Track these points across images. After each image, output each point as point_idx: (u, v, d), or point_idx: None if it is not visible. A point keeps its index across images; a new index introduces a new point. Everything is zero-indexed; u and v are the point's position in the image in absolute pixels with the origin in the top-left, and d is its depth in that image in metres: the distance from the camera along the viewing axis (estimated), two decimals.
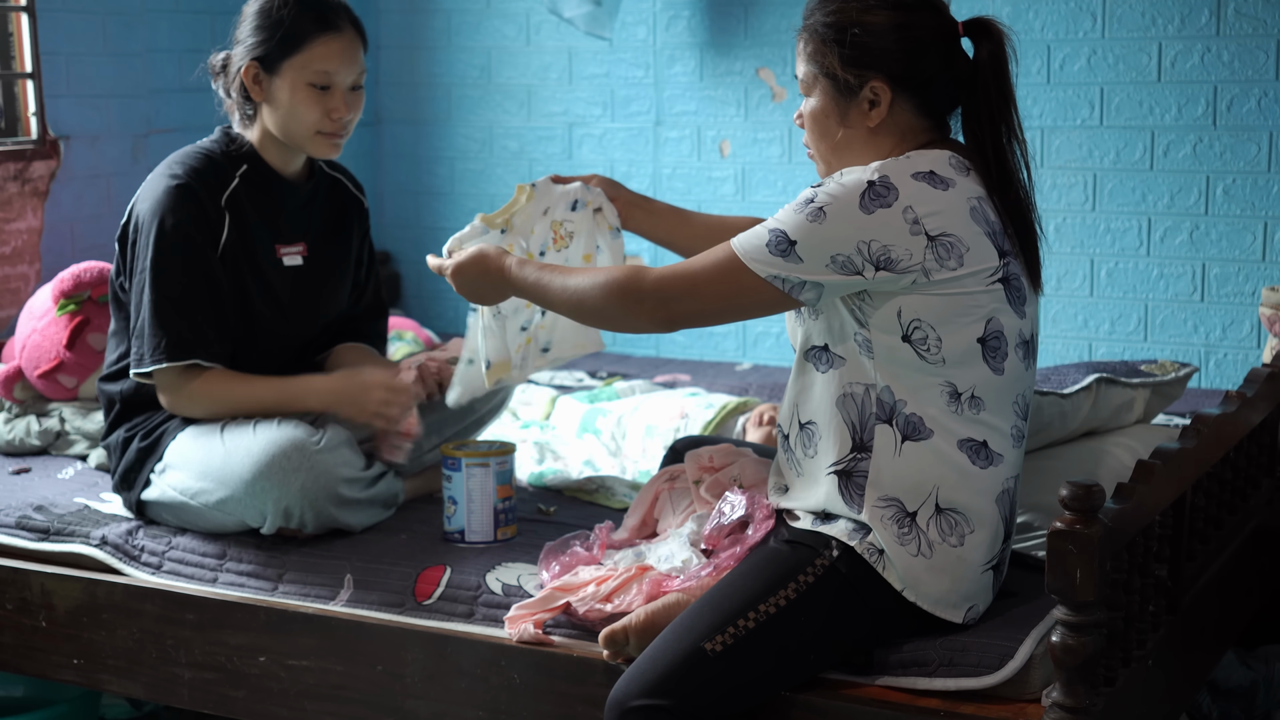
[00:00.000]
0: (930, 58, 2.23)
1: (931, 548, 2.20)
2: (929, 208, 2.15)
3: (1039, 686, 2.17)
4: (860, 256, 2.14)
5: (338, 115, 2.83)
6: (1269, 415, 2.96)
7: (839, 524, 2.24)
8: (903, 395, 2.19)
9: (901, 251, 2.14)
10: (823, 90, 2.27)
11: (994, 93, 2.24)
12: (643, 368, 4.32)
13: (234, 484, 2.69)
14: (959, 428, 2.20)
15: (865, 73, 2.23)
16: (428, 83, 4.98)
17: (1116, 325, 4.14)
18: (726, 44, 4.51)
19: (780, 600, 2.19)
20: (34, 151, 3.94)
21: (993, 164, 2.24)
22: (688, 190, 4.62)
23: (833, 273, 2.15)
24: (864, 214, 2.14)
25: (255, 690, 2.67)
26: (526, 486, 3.10)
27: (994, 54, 2.24)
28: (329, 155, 2.89)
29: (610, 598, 2.38)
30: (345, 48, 2.84)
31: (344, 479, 2.73)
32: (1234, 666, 3.11)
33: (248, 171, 2.88)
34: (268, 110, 2.86)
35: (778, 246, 2.16)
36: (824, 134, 2.29)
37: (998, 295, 2.20)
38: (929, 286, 2.16)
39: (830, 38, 2.24)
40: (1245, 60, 3.91)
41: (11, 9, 3.93)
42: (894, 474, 2.20)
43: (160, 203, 2.80)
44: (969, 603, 2.24)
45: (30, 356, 3.45)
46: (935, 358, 2.18)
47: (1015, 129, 2.27)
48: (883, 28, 2.22)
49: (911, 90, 2.24)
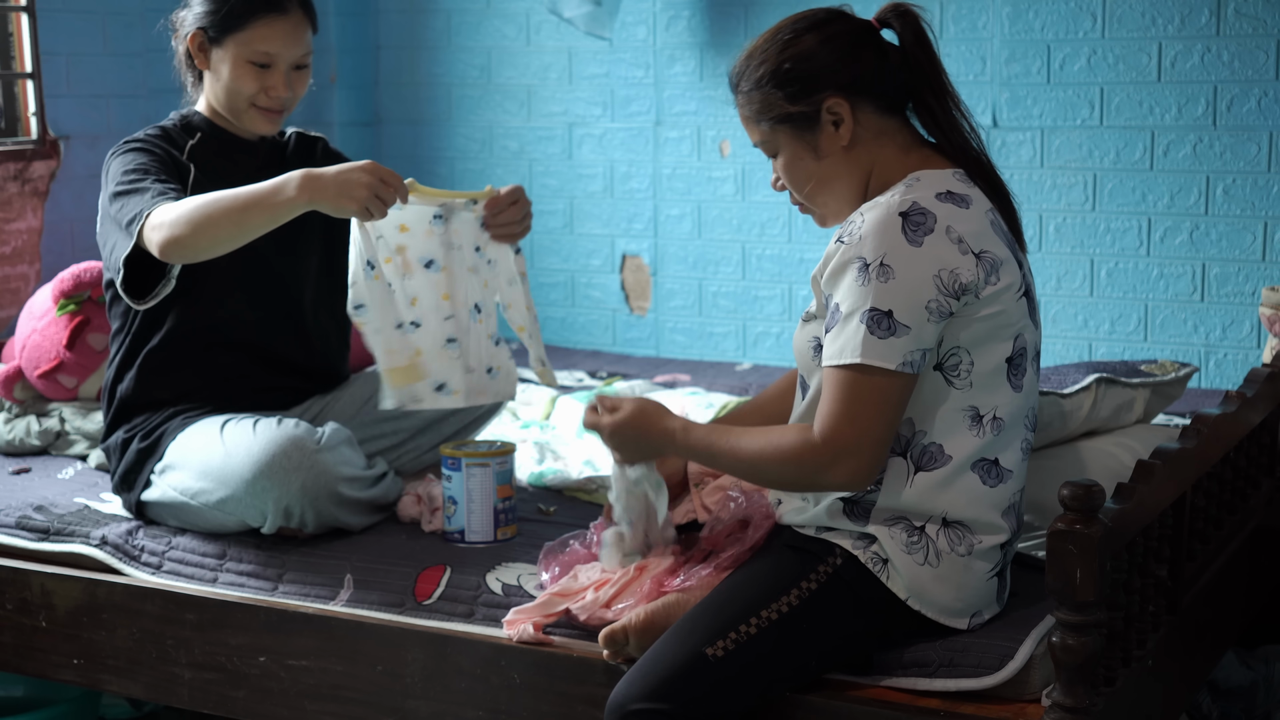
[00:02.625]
0: (865, 56, 2.24)
1: (940, 557, 2.19)
2: (964, 226, 2.14)
3: (1039, 687, 2.17)
4: (941, 294, 2.10)
5: (275, 93, 2.85)
6: (1269, 415, 2.96)
7: (843, 533, 2.23)
8: (924, 426, 2.17)
9: (966, 273, 2.12)
10: (786, 137, 2.26)
11: (928, 69, 2.26)
12: (643, 368, 4.32)
13: (234, 484, 2.69)
14: (976, 450, 2.18)
15: (815, 97, 2.22)
16: (428, 83, 4.98)
17: (1116, 325, 4.14)
18: (726, 44, 4.51)
19: (783, 606, 2.18)
20: (34, 151, 3.94)
21: (950, 135, 2.26)
22: (688, 190, 4.62)
23: (932, 324, 2.11)
24: (915, 247, 2.10)
25: (255, 690, 2.67)
26: (526, 486, 3.10)
27: (915, 33, 2.26)
28: (266, 131, 2.91)
29: (610, 604, 2.38)
30: (289, 30, 2.85)
31: (344, 478, 2.73)
32: (1234, 666, 3.11)
33: (203, 138, 2.92)
34: (210, 79, 2.90)
35: (880, 327, 2.09)
36: (806, 177, 2.27)
37: (1023, 309, 2.20)
38: (977, 306, 2.14)
39: (769, 86, 2.24)
40: (1245, 60, 3.91)
41: (11, 9, 3.93)
42: (901, 502, 2.19)
43: (121, 147, 2.85)
44: (973, 609, 2.24)
45: (30, 356, 3.45)
46: (963, 382, 2.16)
47: (955, 98, 2.28)
48: (810, 50, 2.23)
49: (863, 93, 2.23)
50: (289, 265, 2.97)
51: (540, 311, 4.79)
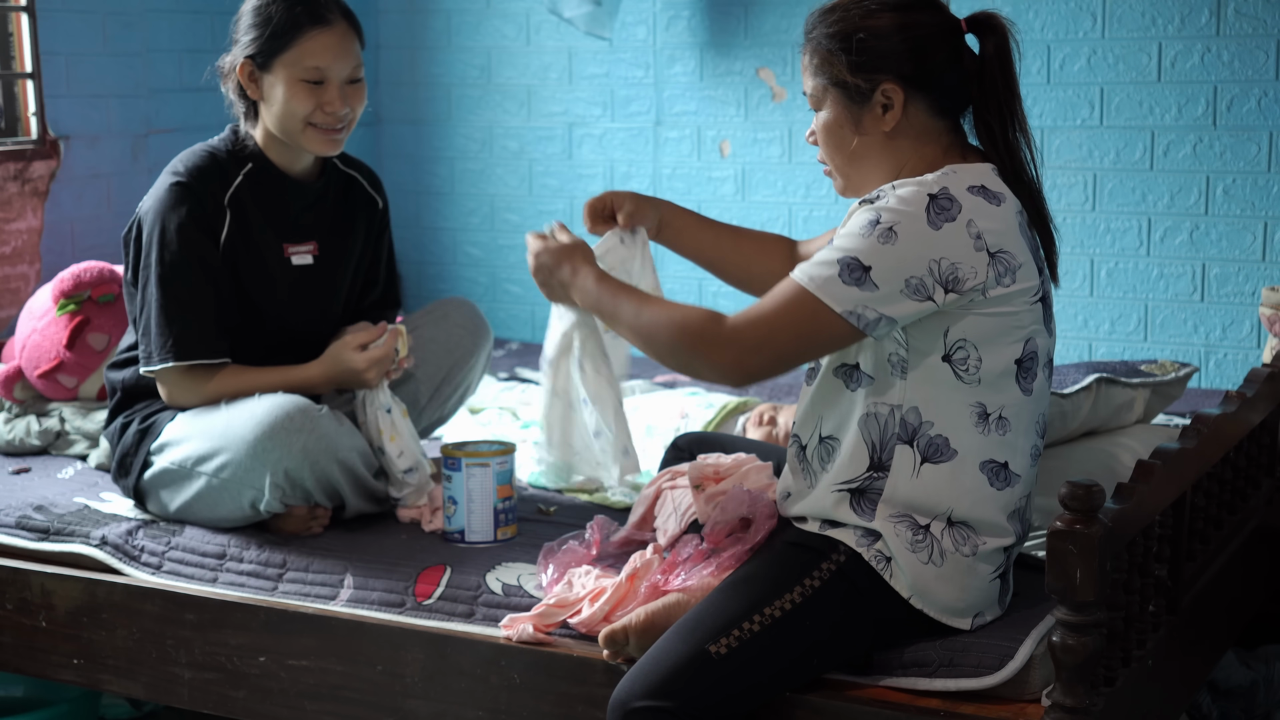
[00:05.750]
0: (937, 55, 2.22)
1: (944, 556, 2.19)
2: (988, 223, 2.14)
3: (1039, 686, 2.17)
4: (931, 278, 2.11)
5: (331, 109, 2.82)
6: (1269, 415, 2.96)
7: (847, 529, 2.23)
8: (930, 416, 2.17)
9: (967, 270, 2.11)
10: (834, 100, 2.25)
11: (1001, 87, 2.23)
12: (643, 368, 4.31)
13: (236, 445, 2.69)
14: (984, 449, 2.19)
15: (875, 76, 2.21)
16: (428, 83, 4.98)
17: (1116, 325, 4.14)
18: (726, 44, 4.51)
19: (786, 604, 2.18)
20: (34, 151, 3.94)
21: (1005, 159, 2.24)
22: (688, 190, 4.62)
23: (906, 298, 2.11)
24: (933, 230, 2.11)
25: (255, 690, 2.67)
26: (526, 486, 3.10)
27: (999, 47, 2.23)
28: (327, 151, 2.88)
29: (610, 616, 2.38)
30: (337, 41, 2.83)
31: (346, 445, 2.75)
32: (1234, 666, 3.11)
33: (253, 170, 2.88)
34: (264, 108, 2.86)
35: (852, 275, 2.11)
36: (839, 145, 2.27)
37: (1037, 314, 2.20)
38: (984, 304, 2.14)
39: (836, 46, 2.22)
40: (1245, 60, 3.91)
41: (11, 9, 3.93)
42: (909, 493, 2.19)
43: (162, 201, 2.81)
44: (976, 610, 2.24)
45: (30, 356, 3.45)
46: (972, 378, 2.17)
47: (1022, 122, 2.26)
48: (887, 30, 2.21)
49: (923, 89, 2.22)
50: (325, 280, 3.00)
51: (540, 311, 4.80)
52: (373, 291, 3.11)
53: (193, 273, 2.79)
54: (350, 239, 3.03)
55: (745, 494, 2.40)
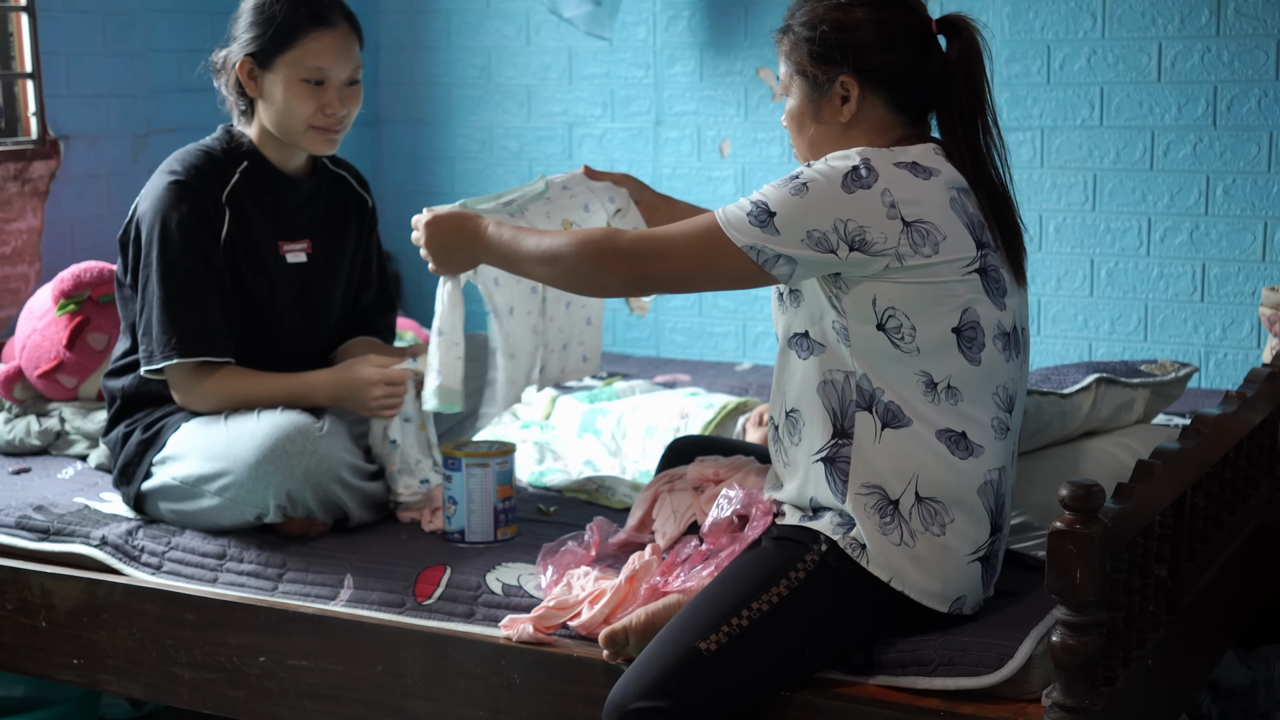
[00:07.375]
0: (900, 53, 2.26)
1: (914, 537, 2.21)
2: (907, 194, 2.18)
3: (1039, 686, 2.17)
4: (835, 234, 2.16)
5: (331, 110, 2.83)
6: (1269, 415, 2.96)
7: (825, 519, 2.25)
8: (880, 384, 2.21)
9: (876, 234, 2.16)
10: (798, 88, 2.33)
11: (963, 89, 2.27)
12: (643, 368, 4.32)
13: (237, 466, 2.69)
14: (937, 417, 2.21)
15: (833, 69, 2.27)
16: (428, 83, 4.98)
17: (1116, 325, 4.14)
18: (726, 44, 4.51)
19: (773, 598, 2.20)
20: (34, 151, 3.94)
21: (966, 159, 2.27)
22: (688, 190, 4.62)
23: (807, 248, 2.17)
24: (844, 193, 2.17)
25: (255, 690, 2.67)
26: (526, 486, 3.10)
27: (963, 51, 2.27)
28: (324, 151, 2.89)
29: (610, 619, 2.38)
30: (338, 43, 2.83)
31: (347, 464, 2.75)
32: (1234, 666, 3.11)
33: (248, 168, 2.88)
34: (263, 106, 2.86)
35: (758, 217, 2.19)
36: (800, 131, 2.35)
37: (974, 285, 2.22)
38: (903, 273, 2.18)
39: (802, 36, 2.29)
40: (1245, 60, 3.91)
41: (11, 9, 3.93)
42: (875, 460, 2.21)
43: (161, 200, 2.80)
44: (956, 594, 2.25)
45: (30, 356, 3.45)
46: (909, 346, 2.19)
47: (989, 125, 2.30)
48: (852, 24, 2.26)
49: (881, 85, 2.27)
50: (319, 277, 2.99)
51: None
52: (368, 293, 3.11)
53: (196, 270, 2.79)
54: (342, 237, 3.03)
55: (741, 492, 2.41)
